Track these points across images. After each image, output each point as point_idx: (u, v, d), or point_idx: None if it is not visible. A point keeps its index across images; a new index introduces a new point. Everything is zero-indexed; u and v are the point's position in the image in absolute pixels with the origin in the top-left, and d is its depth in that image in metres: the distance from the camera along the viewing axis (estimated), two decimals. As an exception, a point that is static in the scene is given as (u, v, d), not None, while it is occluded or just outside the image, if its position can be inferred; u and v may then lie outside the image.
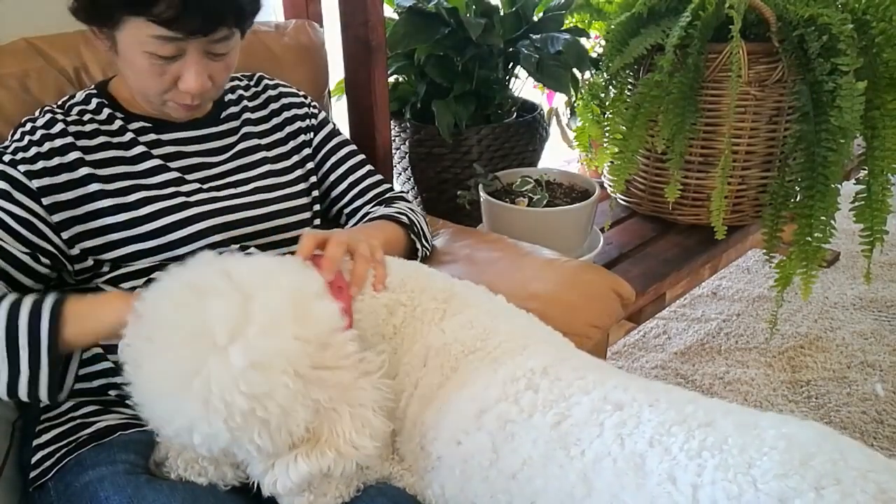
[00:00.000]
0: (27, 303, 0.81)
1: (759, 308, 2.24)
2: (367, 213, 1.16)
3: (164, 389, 0.66)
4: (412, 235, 1.11)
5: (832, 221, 1.51)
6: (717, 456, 0.64)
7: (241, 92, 1.12)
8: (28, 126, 0.95)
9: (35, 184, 0.90)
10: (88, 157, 0.94)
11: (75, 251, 0.93)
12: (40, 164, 0.91)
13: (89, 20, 0.91)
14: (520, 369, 0.80)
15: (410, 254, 1.12)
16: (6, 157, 0.91)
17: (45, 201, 0.90)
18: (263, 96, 1.14)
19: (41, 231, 0.90)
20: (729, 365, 1.98)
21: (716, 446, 0.64)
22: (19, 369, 0.79)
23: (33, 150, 0.91)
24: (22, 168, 0.90)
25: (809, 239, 1.53)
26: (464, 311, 0.88)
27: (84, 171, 0.93)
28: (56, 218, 0.91)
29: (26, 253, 0.88)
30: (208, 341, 0.65)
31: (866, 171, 1.55)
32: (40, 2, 1.21)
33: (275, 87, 1.16)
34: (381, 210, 1.14)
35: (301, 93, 1.19)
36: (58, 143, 0.93)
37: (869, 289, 2.29)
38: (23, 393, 0.80)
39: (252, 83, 1.15)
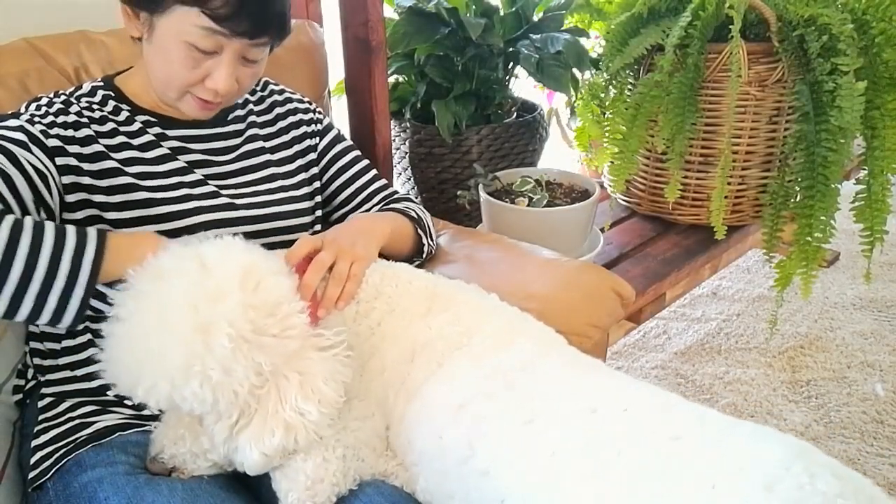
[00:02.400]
0: (71, 229, 0.79)
1: (759, 308, 2.24)
2: None
3: (121, 352, 0.73)
4: (419, 231, 1.13)
5: (832, 221, 1.51)
6: (682, 473, 0.62)
7: (247, 96, 1.13)
8: (44, 100, 0.95)
9: (50, 143, 0.91)
10: (102, 141, 0.96)
11: (80, 215, 0.93)
12: (55, 130, 0.92)
13: (137, 1, 0.92)
14: (499, 366, 0.80)
15: (418, 249, 1.14)
16: (23, 117, 0.92)
17: (57, 161, 0.91)
18: (269, 101, 1.15)
19: (50, 186, 0.89)
20: (729, 365, 1.98)
21: (683, 463, 0.63)
22: (49, 293, 0.76)
23: (49, 118, 0.93)
24: (38, 127, 0.91)
25: (809, 239, 1.53)
26: (450, 308, 0.89)
27: (97, 147, 0.94)
28: (65, 180, 0.92)
29: (33, 201, 0.86)
30: (164, 311, 0.72)
31: (866, 171, 1.55)
32: (40, 2, 1.21)
33: (280, 92, 1.17)
34: (391, 206, 1.16)
35: (306, 99, 1.20)
36: (72, 119, 0.94)
37: (869, 289, 2.29)
38: (44, 318, 0.76)
39: (258, 88, 1.16)
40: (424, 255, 1.16)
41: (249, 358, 0.71)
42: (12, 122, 0.90)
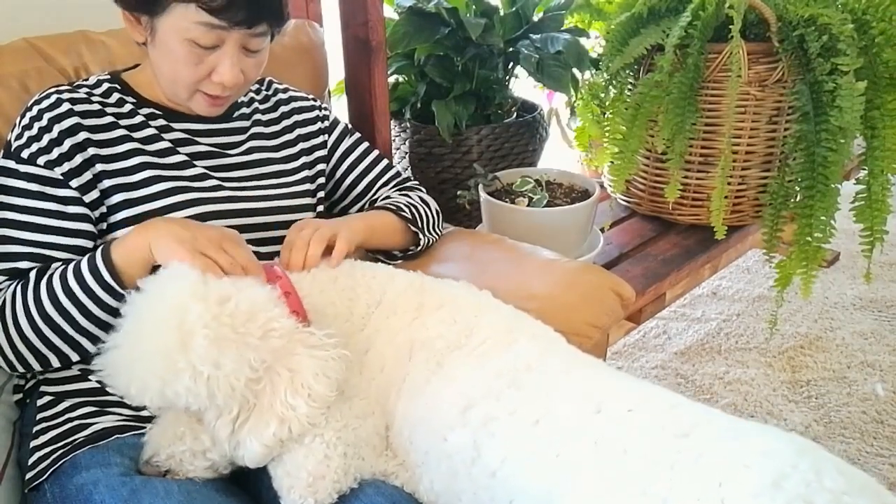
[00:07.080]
0: (83, 265, 0.87)
1: (759, 308, 2.24)
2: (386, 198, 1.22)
3: (115, 357, 0.77)
4: (410, 225, 1.14)
5: (832, 221, 1.51)
6: (689, 470, 0.63)
7: (252, 95, 1.15)
8: (35, 110, 0.95)
9: (58, 171, 0.92)
10: (95, 137, 0.96)
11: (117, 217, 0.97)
12: (56, 152, 0.93)
13: (137, 6, 0.93)
14: (504, 366, 0.80)
15: (412, 241, 1.16)
16: (24, 153, 0.92)
17: (73, 184, 0.93)
18: (274, 99, 1.17)
19: (83, 214, 0.93)
20: (729, 365, 1.98)
21: (690, 460, 0.64)
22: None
23: (46, 138, 0.93)
24: (41, 160, 0.92)
25: (809, 239, 1.53)
26: (443, 305, 0.90)
27: (91, 150, 0.95)
28: (87, 198, 0.94)
29: (77, 240, 0.93)
30: (146, 320, 0.77)
31: (866, 171, 1.55)
32: (40, 2, 1.21)
33: (285, 90, 1.19)
34: (393, 196, 1.20)
35: (310, 96, 1.22)
36: (66, 124, 0.94)
37: (869, 289, 2.29)
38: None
39: (263, 87, 1.18)
40: (420, 247, 1.17)
41: (238, 354, 0.74)
42: (42, 173, 0.92)
